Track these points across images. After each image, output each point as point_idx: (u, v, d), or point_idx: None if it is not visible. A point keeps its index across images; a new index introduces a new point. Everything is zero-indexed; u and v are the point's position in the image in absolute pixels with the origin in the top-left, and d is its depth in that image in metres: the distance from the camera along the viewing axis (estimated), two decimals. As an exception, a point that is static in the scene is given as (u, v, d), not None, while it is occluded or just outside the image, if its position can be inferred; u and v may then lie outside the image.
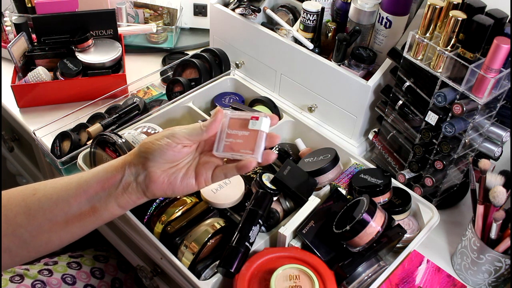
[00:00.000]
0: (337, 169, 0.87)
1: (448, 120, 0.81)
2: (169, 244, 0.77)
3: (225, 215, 0.82)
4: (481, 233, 0.80)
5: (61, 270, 1.11)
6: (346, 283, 0.73)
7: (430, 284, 0.76)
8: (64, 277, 1.09)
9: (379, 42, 1.01)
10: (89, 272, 1.13)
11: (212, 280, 0.73)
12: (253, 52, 1.16)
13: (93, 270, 1.14)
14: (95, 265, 1.16)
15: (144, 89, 1.18)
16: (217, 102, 1.07)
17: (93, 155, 0.91)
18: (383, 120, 0.96)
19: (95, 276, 1.13)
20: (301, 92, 1.10)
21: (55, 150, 0.97)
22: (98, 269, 1.15)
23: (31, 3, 1.21)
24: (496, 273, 0.80)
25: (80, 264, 1.14)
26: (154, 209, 0.80)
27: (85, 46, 1.14)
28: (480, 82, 0.75)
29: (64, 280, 1.08)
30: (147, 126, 0.95)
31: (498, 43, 0.71)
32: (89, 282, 1.11)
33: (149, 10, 1.34)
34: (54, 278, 1.07)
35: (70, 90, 1.13)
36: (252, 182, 0.83)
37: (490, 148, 0.85)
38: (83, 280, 1.10)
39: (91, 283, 1.11)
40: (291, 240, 0.79)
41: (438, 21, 0.81)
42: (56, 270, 1.10)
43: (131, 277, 1.19)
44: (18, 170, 1.50)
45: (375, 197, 0.83)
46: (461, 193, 0.97)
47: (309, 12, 1.03)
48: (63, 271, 1.10)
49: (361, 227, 0.72)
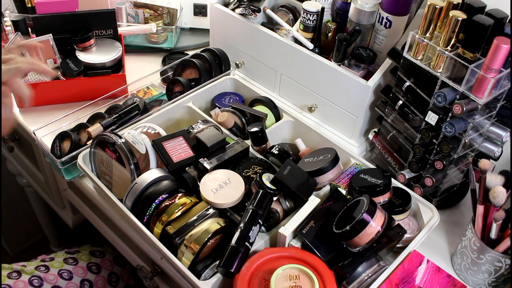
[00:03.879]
0: (337, 169, 0.87)
1: (448, 120, 0.81)
2: (169, 244, 0.77)
3: (225, 215, 0.82)
4: (481, 233, 0.80)
5: (58, 266, 1.11)
6: (346, 283, 0.73)
7: (430, 284, 0.76)
8: (61, 273, 1.09)
9: (379, 42, 1.01)
10: (85, 267, 1.13)
11: (212, 280, 0.73)
12: (253, 52, 1.16)
13: (89, 265, 1.15)
14: (92, 260, 1.16)
15: (144, 89, 1.18)
16: (217, 102, 1.07)
17: (93, 155, 0.91)
18: (383, 120, 0.96)
19: (92, 271, 1.14)
20: (301, 92, 1.10)
21: (55, 150, 0.97)
22: (94, 264, 1.16)
23: (31, 3, 1.21)
24: (496, 273, 0.80)
25: (77, 260, 1.14)
26: (154, 209, 0.81)
27: (86, 46, 1.14)
28: (480, 82, 0.75)
29: (61, 276, 1.08)
30: (147, 126, 0.95)
31: (498, 43, 0.71)
32: (85, 277, 1.12)
33: (149, 10, 1.34)
34: (51, 274, 1.08)
35: (70, 90, 1.13)
36: (252, 182, 0.83)
37: (490, 148, 0.85)
38: (79, 275, 1.11)
39: (88, 278, 1.12)
40: (291, 240, 0.79)
41: (438, 21, 0.81)
42: (53, 266, 1.11)
43: (128, 271, 1.20)
44: (18, 170, 1.50)
45: (375, 197, 0.83)
46: (461, 193, 0.97)
47: (309, 12, 1.03)
48: (59, 267, 1.11)
49: (361, 227, 0.73)
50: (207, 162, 0.85)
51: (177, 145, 0.87)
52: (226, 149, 0.88)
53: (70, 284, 1.09)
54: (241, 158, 0.89)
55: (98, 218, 1.12)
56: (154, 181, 0.83)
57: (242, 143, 0.90)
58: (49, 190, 1.34)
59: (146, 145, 0.87)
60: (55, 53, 1.13)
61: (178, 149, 0.87)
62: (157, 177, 0.83)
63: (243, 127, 0.99)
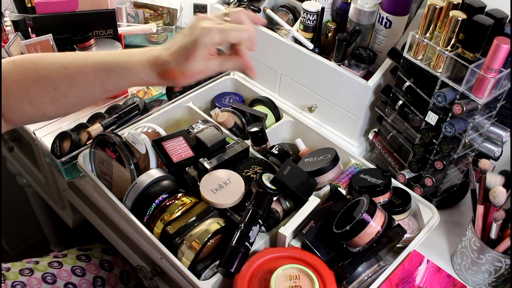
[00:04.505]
0: (337, 169, 0.87)
1: (448, 120, 0.81)
2: (169, 244, 0.77)
3: (225, 215, 0.82)
4: (481, 233, 0.80)
5: (71, 263, 1.12)
6: (346, 283, 0.73)
7: (430, 284, 0.76)
8: (74, 269, 1.10)
9: (379, 42, 1.01)
10: (98, 265, 1.14)
11: (212, 280, 0.73)
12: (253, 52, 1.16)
13: (102, 262, 1.15)
14: (104, 258, 1.17)
15: (144, 89, 1.18)
16: (217, 102, 1.07)
17: (93, 155, 0.91)
18: (383, 120, 0.96)
19: (104, 268, 1.14)
20: (301, 92, 1.10)
21: (55, 150, 0.97)
22: (107, 261, 1.16)
23: (31, 3, 1.21)
24: (496, 273, 0.80)
25: (89, 257, 1.15)
26: (154, 209, 0.81)
27: (86, 46, 1.14)
28: (480, 82, 0.75)
29: (74, 272, 1.09)
30: (147, 126, 0.95)
31: (498, 43, 0.71)
32: (98, 274, 1.12)
33: (149, 10, 1.34)
34: (64, 270, 1.08)
35: (70, 90, 1.13)
36: (252, 182, 0.83)
37: (490, 148, 0.85)
38: (92, 272, 1.11)
39: (100, 275, 1.12)
40: (291, 240, 0.79)
41: (438, 21, 0.81)
42: (66, 262, 1.11)
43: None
44: (18, 170, 1.50)
45: (375, 197, 0.83)
46: (461, 193, 0.97)
47: (309, 12, 1.03)
48: (72, 263, 1.12)
49: (361, 227, 0.72)
50: (207, 162, 0.85)
51: (177, 145, 0.87)
52: (226, 149, 0.88)
53: (83, 281, 1.09)
54: (241, 158, 0.89)
55: (98, 218, 1.12)
56: (154, 181, 0.83)
57: (242, 143, 0.90)
58: (49, 190, 1.34)
59: (146, 145, 0.87)
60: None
61: (178, 149, 0.87)
62: (157, 177, 0.83)
63: (243, 127, 0.99)
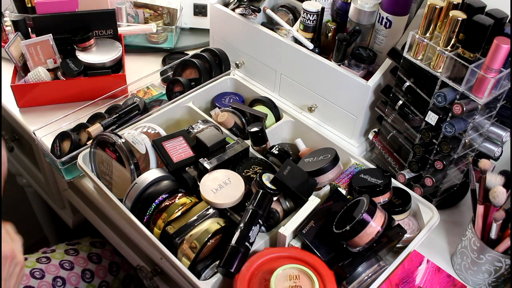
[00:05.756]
0: (337, 169, 0.87)
1: (448, 120, 0.81)
2: (169, 244, 0.77)
3: (225, 215, 0.82)
4: (481, 233, 0.80)
5: (59, 257, 1.12)
6: (346, 283, 0.73)
7: (430, 284, 0.76)
8: (62, 263, 1.10)
9: (379, 42, 1.01)
10: (86, 258, 1.14)
11: (212, 280, 0.73)
12: (253, 52, 1.16)
13: (90, 255, 1.16)
14: (92, 251, 1.17)
15: (144, 89, 1.18)
16: (217, 102, 1.07)
17: (93, 155, 0.91)
18: (383, 120, 0.96)
19: (93, 260, 1.14)
20: (301, 92, 1.10)
21: (55, 150, 0.97)
22: (95, 254, 1.17)
23: (31, 3, 1.21)
24: (496, 273, 0.80)
25: (77, 251, 1.15)
26: (154, 209, 0.81)
27: (86, 45, 1.14)
28: (480, 82, 0.75)
29: (62, 266, 1.09)
30: (147, 126, 0.95)
31: (498, 43, 0.71)
32: (87, 267, 1.12)
33: (149, 10, 1.34)
34: (52, 265, 1.09)
35: (70, 90, 1.13)
36: (252, 182, 0.83)
37: (490, 148, 0.85)
38: (80, 265, 1.12)
39: (89, 268, 1.13)
40: (291, 240, 0.79)
41: (438, 21, 0.81)
42: (54, 257, 1.12)
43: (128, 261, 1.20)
44: (18, 170, 1.50)
45: (375, 197, 0.83)
46: (461, 193, 0.97)
47: (309, 12, 1.03)
48: (60, 258, 1.12)
49: (361, 227, 0.72)
50: (207, 162, 0.85)
51: (177, 145, 0.87)
52: (226, 149, 0.88)
53: (71, 274, 1.09)
54: (241, 158, 0.89)
55: (98, 218, 1.12)
56: (154, 181, 0.83)
57: (242, 143, 0.90)
58: (49, 190, 1.34)
59: (146, 145, 0.87)
60: (55, 53, 1.13)
61: (178, 149, 0.87)
62: (157, 177, 0.83)
63: (243, 127, 0.99)
